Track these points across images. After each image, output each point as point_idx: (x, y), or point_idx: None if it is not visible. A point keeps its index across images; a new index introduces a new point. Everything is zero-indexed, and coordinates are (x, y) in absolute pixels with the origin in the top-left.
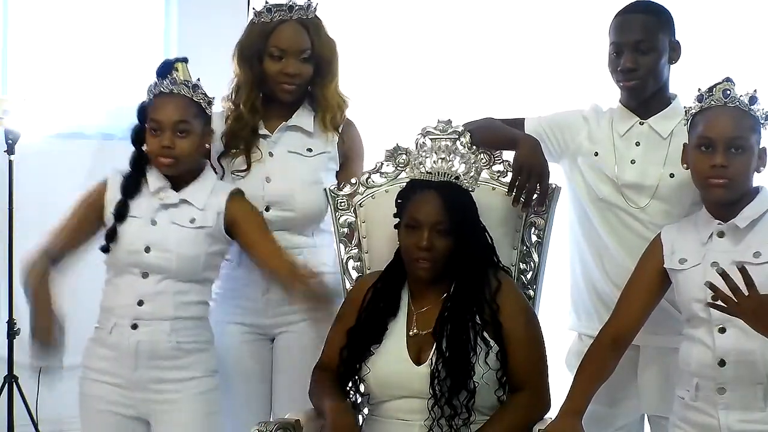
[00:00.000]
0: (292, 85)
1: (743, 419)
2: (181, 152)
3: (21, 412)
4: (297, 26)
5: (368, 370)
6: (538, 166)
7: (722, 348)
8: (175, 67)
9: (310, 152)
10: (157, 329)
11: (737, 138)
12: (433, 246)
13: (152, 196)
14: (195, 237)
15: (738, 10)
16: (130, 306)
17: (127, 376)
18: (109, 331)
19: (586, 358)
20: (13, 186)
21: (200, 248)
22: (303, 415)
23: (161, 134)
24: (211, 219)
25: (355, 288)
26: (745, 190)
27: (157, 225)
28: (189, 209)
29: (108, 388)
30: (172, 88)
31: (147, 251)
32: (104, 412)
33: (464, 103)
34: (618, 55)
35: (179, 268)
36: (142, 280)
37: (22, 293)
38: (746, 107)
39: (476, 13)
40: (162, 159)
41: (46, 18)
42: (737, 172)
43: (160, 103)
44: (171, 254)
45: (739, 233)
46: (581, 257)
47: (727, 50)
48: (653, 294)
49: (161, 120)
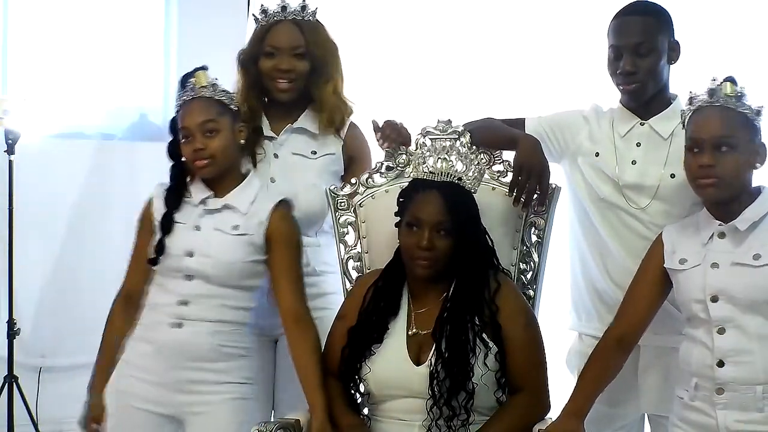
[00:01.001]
0: (286, 82)
1: (741, 419)
2: (214, 151)
3: (21, 412)
4: (291, 25)
5: (369, 370)
6: (539, 166)
7: (721, 349)
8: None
9: (314, 154)
10: (199, 329)
11: (723, 137)
12: (433, 246)
13: (196, 204)
14: (235, 244)
15: (738, 10)
16: (175, 305)
17: (165, 374)
18: (152, 329)
19: (590, 359)
20: (13, 186)
21: (238, 255)
22: (303, 415)
23: (192, 139)
24: (253, 227)
25: (356, 286)
26: (739, 188)
27: (201, 231)
28: (232, 215)
29: (145, 386)
30: (192, 94)
31: (190, 256)
32: (139, 409)
33: (464, 103)
34: (617, 58)
35: (216, 274)
36: (186, 282)
37: (22, 293)
38: (734, 105)
39: (476, 14)
40: (197, 162)
41: (46, 18)
42: (725, 170)
43: (184, 111)
44: (211, 259)
45: (739, 234)
46: (581, 257)
47: (727, 50)
48: (657, 294)
49: (188, 126)
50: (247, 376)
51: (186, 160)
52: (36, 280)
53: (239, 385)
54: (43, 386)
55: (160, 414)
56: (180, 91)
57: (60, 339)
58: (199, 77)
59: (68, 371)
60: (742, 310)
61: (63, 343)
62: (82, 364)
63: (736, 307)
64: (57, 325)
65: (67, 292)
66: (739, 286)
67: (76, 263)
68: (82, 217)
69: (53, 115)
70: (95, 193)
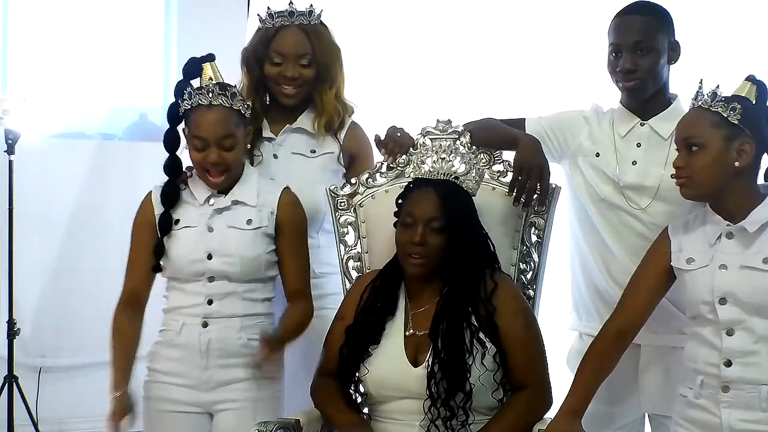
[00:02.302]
0: (292, 88)
1: (745, 419)
2: (231, 162)
3: (21, 412)
4: (297, 31)
5: (367, 371)
6: (538, 166)
7: (729, 349)
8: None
9: (313, 153)
10: (227, 326)
11: (689, 138)
12: (426, 242)
13: (201, 204)
14: (254, 238)
15: (738, 10)
16: (200, 305)
17: (196, 375)
18: (178, 332)
19: (587, 354)
20: (13, 186)
21: (260, 248)
22: (303, 415)
23: (207, 150)
24: (266, 218)
25: (355, 286)
26: (718, 186)
27: (215, 231)
28: (243, 209)
29: (176, 389)
30: (210, 99)
31: (209, 258)
32: (172, 413)
33: (464, 103)
34: (617, 56)
35: (243, 271)
36: (208, 283)
37: (22, 293)
38: (707, 104)
39: (476, 14)
40: (212, 176)
41: (46, 18)
42: (693, 171)
43: (201, 118)
44: (234, 258)
45: (748, 236)
46: (582, 257)
47: (727, 50)
48: (659, 289)
49: (206, 137)
50: (276, 370)
51: (194, 164)
52: (36, 280)
53: (270, 381)
54: (43, 386)
55: (193, 413)
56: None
57: (60, 339)
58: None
59: (68, 371)
60: (749, 313)
61: (63, 343)
62: (82, 364)
63: (744, 310)
64: (57, 325)
65: (67, 292)
66: (748, 289)
67: (76, 263)
68: (82, 217)
69: (53, 115)
70: (95, 193)
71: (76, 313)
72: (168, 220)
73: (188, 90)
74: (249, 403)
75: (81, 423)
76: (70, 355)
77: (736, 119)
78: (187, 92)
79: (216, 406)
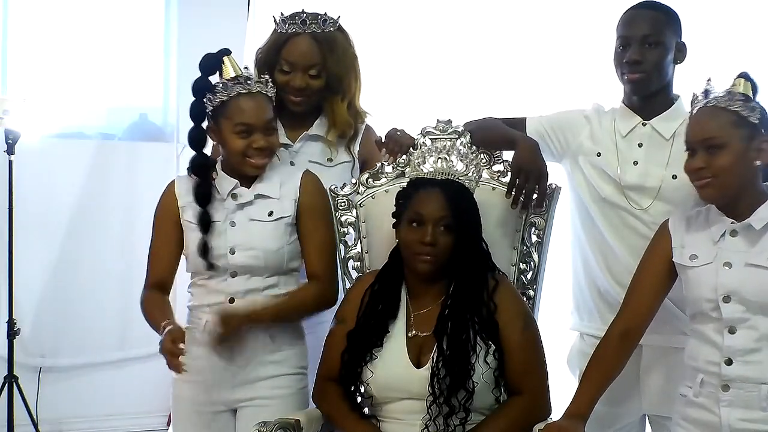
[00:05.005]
0: (299, 98)
1: (744, 418)
2: (274, 147)
3: (21, 412)
4: (309, 41)
5: (371, 374)
6: (537, 168)
7: (731, 348)
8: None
9: (330, 162)
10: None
11: (710, 138)
12: (436, 241)
13: (225, 199)
14: (275, 229)
15: (739, 11)
16: (223, 303)
17: (221, 373)
18: (202, 329)
19: (593, 358)
20: (13, 186)
21: (282, 240)
22: (303, 415)
23: (253, 136)
24: (288, 208)
25: (354, 288)
26: (741, 186)
27: (237, 225)
28: (265, 202)
29: (200, 387)
30: (250, 87)
31: (232, 253)
32: (197, 412)
33: (464, 103)
34: (624, 49)
35: (267, 264)
36: (231, 279)
37: (22, 293)
38: (725, 104)
39: (476, 14)
40: (256, 160)
41: (46, 18)
42: (716, 171)
43: (245, 105)
44: (257, 251)
45: (753, 234)
46: (583, 256)
47: (729, 50)
48: (663, 285)
49: (253, 123)
50: (301, 365)
51: (233, 154)
52: (36, 280)
53: (294, 377)
54: (43, 386)
55: (218, 411)
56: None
57: (60, 339)
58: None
59: (68, 371)
60: (754, 311)
61: (63, 343)
62: (82, 364)
63: (749, 308)
64: (57, 325)
65: (67, 292)
66: (753, 287)
67: (76, 263)
68: (82, 217)
69: (53, 115)
70: (95, 193)
71: (76, 313)
72: (207, 218)
73: (220, 82)
74: (275, 400)
75: (81, 423)
76: (70, 355)
77: (756, 118)
78: (220, 84)
79: (241, 403)
